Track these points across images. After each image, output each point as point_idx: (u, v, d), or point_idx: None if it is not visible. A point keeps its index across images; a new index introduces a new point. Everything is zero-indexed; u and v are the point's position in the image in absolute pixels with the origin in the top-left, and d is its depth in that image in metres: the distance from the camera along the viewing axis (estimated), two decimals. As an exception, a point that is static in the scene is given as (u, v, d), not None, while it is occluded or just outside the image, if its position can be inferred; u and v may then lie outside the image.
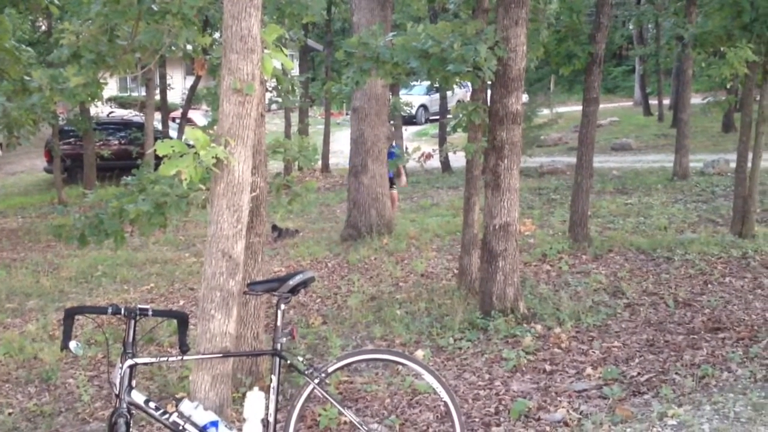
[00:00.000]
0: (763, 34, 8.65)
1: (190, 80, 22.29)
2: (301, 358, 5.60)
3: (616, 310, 6.69)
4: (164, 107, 19.39)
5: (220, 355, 3.69)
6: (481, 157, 7.10)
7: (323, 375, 3.57)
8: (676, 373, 5.12)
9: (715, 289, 7.18)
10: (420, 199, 13.86)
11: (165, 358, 3.80)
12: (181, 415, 3.45)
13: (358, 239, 10.21)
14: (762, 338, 5.70)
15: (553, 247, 8.86)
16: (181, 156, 3.50)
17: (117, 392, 3.40)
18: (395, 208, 11.71)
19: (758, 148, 8.93)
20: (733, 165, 10.57)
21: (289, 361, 3.62)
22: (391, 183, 11.32)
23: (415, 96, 29.55)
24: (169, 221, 5.17)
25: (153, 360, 3.91)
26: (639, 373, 5.21)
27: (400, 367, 5.28)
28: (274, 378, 3.50)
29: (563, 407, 4.71)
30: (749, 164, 9.01)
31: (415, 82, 26.91)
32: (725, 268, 7.82)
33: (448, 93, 20.71)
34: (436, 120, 24.76)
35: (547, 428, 4.46)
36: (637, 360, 5.50)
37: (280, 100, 10.59)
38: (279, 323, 3.53)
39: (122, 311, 3.42)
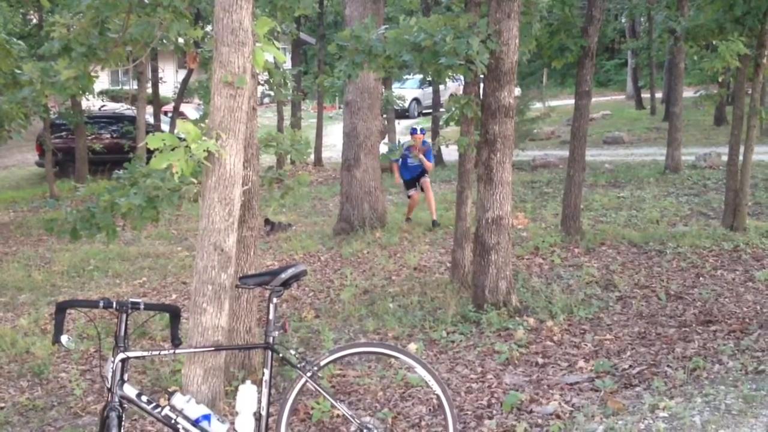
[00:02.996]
0: (754, 27, 8.67)
1: (182, 73, 22.23)
2: (293, 352, 5.61)
3: (608, 303, 6.71)
4: (156, 101, 19.32)
5: (212, 348, 3.69)
6: (473, 150, 7.10)
7: (316, 368, 3.57)
8: (668, 366, 5.14)
9: (707, 281, 7.21)
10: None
11: (157, 352, 3.80)
12: (173, 409, 3.44)
13: (351, 233, 10.21)
14: (753, 330, 5.72)
15: (546, 241, 8.88)
16: (173, 149, 3.49)
17: (109, 386, 3.38)
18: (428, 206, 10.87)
19: (750, 142, 8.96)
20: (724, 158, 10.60)
21: (281, 355, 3.62)
22: (422, 175, 10.93)
23: (408, 89, 29.50)
24: (161, 215, 5.15)
25: (145, 354, 3.92)
26: (631, 366, 5.23)
27: (393, 360, 5.29)
28: (267, 371, 3.49)
29: (555, 400, 4.72)
30: (741, 157, 9.03)
31: (407, 76, 26.90)
32: (717, 261, 7.85)
33: (441, 86, 20.68)
34: (428, 113, 24.73)
35: (540, 421, 4.47)
36: (629, 353, 5.52)
37: (272, 93, 10.58)
38: (271, 317, 3.53)
39: (114, 305, 3.40)
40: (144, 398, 3.44)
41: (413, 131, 10.96)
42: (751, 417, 4.01)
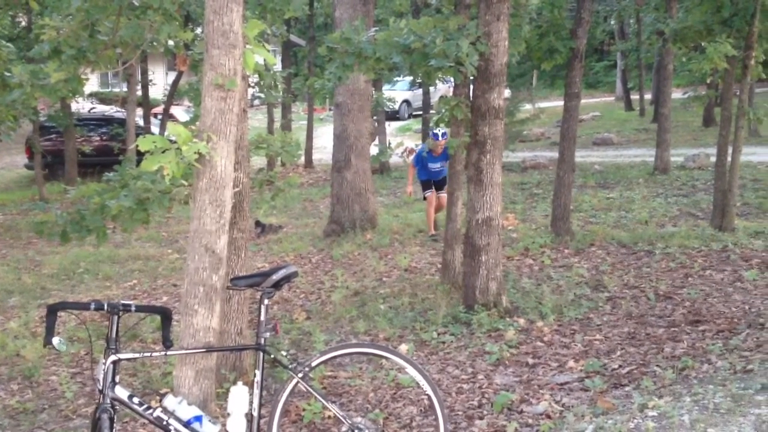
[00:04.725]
0: (742, 29, 8.73)
1: (172, 76, 22.18)
2: (284, 353, 5.62)
3: (597, 304, 6.74)
4: (146, 103, 19.28)
5: (204, 350, 3.70)
6: (463, 152, 7.12)
7: (307, 369, 3.59)
8: (657, 366, 5.17)
9: (696, 282, 7.25)
10: (403, 194, 13.86)
11: (148, 354, 3.80)
12: (164, 410, 3.45)
13: (342, 234, 10.22)
14: (741, 330, 5.76)
15: (536, 242, 8.91)
16: (163, 152, 3.50)
17: (100, 388, 3.39)
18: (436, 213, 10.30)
19: (738, 142, 9.02)
20: (713, 159, 10.66)
21: (272, 356, 3.63)
22: (443, 185, 9.97)
23: (398, 91, 29.54)
24: (152, 217, 5.14)
25: (136, 355, 3.92)
26: (620, 366, 5.26)
27: (384, 361, 5.30)
28: (258, 373, 3.50)
29: (545, 400, 4.75)
30: (729, 158, 9.09)
31: (397, 78, 26.95)
32: (705, 261, 7.89)
33: (431, 88, 20.72)
34: (419, 115, 24.77)
35: (530, 420, 4.50)
36: (618, 353, 5.55)
37: (262, 95, 10.56)
38: (262, 318, 3.54)
39: (105, 307, 3.41)
40: (136, 400, 3.44)
41: (435, 136, 9.55)
42: (740, 416, 4.04)
